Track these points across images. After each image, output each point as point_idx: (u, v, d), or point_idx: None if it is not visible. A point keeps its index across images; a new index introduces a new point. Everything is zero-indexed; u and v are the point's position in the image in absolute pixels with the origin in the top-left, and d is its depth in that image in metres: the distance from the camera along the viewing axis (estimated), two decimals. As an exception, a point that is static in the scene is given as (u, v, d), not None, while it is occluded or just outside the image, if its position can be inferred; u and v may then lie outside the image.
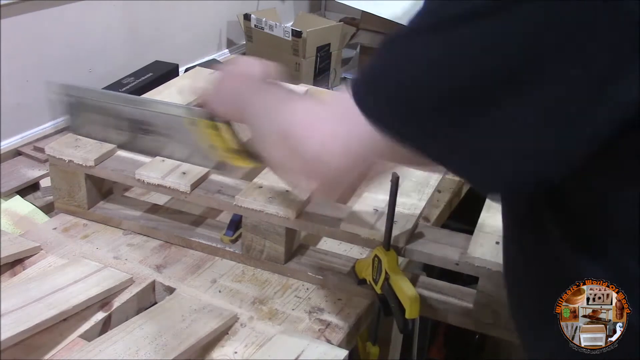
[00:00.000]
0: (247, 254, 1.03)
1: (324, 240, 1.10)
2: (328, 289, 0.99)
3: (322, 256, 1.05)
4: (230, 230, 1.06)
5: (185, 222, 1.10)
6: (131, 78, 1.64)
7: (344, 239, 0.98)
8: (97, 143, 1.11)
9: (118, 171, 1.07)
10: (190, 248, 1.07)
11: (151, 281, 0.98)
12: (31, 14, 1.46)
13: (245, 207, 0.99)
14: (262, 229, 1.00)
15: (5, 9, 1.39)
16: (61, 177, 1.11)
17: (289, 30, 2.11)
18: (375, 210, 0.98)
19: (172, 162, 1.07)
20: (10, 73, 1.43)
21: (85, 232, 1.10)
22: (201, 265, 1.03)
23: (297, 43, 2.11)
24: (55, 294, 0.88)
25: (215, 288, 0.98)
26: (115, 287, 0.93)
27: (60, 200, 1.13)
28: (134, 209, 1.13)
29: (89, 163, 1.07)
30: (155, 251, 1.06)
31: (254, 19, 2.14)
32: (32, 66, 1.50)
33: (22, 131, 1.48)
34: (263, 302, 0.96)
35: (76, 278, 0.93)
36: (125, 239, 1.09)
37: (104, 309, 0.91)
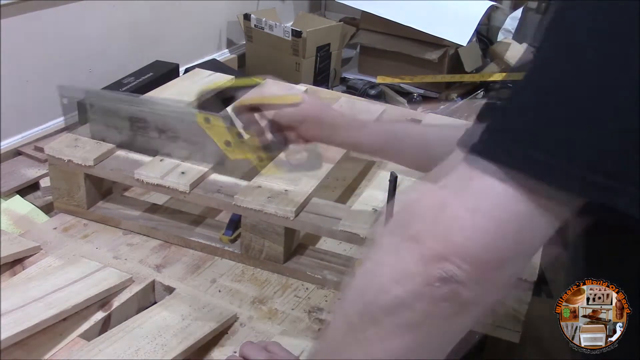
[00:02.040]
0: (246, 253, 1.03)
1: (324, 240, 1.10)
2: (328, 288, 0.99)
3: (322, 256, 1.05)
4: (229, 229, 1.06)
5: (185, 222, 1.10)
6: (131, 78, 1.65)
7: (343, 239, 0.98)
8: (97, 143, 1.11)
9: (117, 171, 1.07)
10: (189, 248, 1.07)
11: (151, 281, 0.98)
12: (31, 14, 1.46)
13: (244, 206, 0.99)
14: (261, 229, 1.00)
15: (5, 9, 1.39)
16: (60, 176, 1.11)
17: (289, 30, 2.11)
18: (374, 209, 0.98)
19: (171, 162, 1.07)
20: (10, 73, 1.43)
21: (85, 232, 1.10)
22: (201, 265, 1.03)
23: (297, 43, 2.11)
24: (55, 293, 0.88)
25: (214, 288, 0.98)
26: (115, 287, 0.93)
27: (60, 200, 1.13)
28: (133, 208, 1.13)
29: (88, 163, 1.07)
30: (155, 251, 1.06)
31: (254, 19, 2.14)
32: (32, 66, 1.50)
33: (22, 131, 1.48)
34: (263, 302, 0.96)
35: (76, 278, 0.93)
36: (124, 238, 1.09)
37: (103, 308, 0.91)
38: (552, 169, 0.43)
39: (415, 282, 0.46)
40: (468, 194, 0.46)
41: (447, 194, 0.47)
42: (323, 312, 0.95)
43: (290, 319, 0.93)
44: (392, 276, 0.47)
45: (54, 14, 1.51)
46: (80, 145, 1.09)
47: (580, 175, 0.43)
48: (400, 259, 0.47)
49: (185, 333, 0.85)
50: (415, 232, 0.47)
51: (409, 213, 0.48)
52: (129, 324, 0.86)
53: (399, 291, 0.46)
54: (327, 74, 2.26)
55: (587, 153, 0.43)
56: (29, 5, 1.44)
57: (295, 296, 0.98)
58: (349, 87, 2.17)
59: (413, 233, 0.47)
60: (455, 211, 0.45)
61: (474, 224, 0.45)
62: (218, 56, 2.11)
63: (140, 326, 0.85)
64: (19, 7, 1.42)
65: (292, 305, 0.96)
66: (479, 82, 2.24)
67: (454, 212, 0.45)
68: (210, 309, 0.90)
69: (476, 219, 0.45)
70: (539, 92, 0.46)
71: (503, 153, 0.45)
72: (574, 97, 0.44)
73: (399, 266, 0.47)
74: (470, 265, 0.45)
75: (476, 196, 0.45)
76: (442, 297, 0.46)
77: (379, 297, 0.47)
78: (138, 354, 0.80)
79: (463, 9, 2.18)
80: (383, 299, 0.47)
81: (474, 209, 0.45)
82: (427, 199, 0.48)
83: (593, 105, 0.44)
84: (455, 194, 0.46)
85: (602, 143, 0.43)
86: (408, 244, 0.47)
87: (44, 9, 1.49)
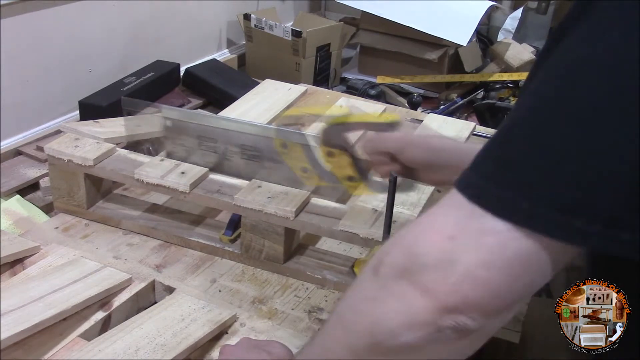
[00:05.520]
0: (246, 253, 1.03)
1: (324, 240, 1.10)
2: (327, 288, 0.99)
3: (322, 256, 1.04)
4: (229, 229, 1.06)
5: (185, 222, 1.10)
6: (132, 77, 1.65)
7: (343, 239, 0.98)
8: (97, 142, 1.11)
9: (117, 171, 1.07)
10: (189, 248, 1.07)
11: (151, 281, 0.98)
12: (31, 14, 1.46)
13: (244, 206, 0.99)
14: (261, 229, 1.00)
15: (5, 9, 1.39)
16: (60, 176, 1.11)
17: (289, 30, 2.11)
18: (374, 209, 0.98)
19: (171, 162, 1.07)
20: (10, 73, 1.43)
21: (85, 232, 1.10)
22: (200, 265, 1.03)
23: (297, 43, 2.12)
24: (55, 293, 0.88)
25: (214, 288, 0.98)
26: (115, 287, 0.93)
27: (60, 199, 1.13)
28: (133, 208, 1.13)
29: (88, 163, 1.07)
30: (155, 251, 1.06)
31: (254, 19, 2.15)
32: (32, 66, 1.50)
33: (22, 131, 1.48)
34: (262, 302, 0.96)
35: (76, 278, 0.93)
36: (124, 238, 1.09)
37: (103, 308, 0.91)
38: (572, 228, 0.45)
39: (427, 331, 0.48)
40: (480, 250, 0.47)
41: (458, 248, 0.47)
42: (323, 312, 0.95)
43: (290, 319, 0.93)
44: (402, 323, 0.49)
45: (54, 14, 1.51)
46: (80, 145, 1.09)
47: (602, 231, 0.44)
48: (411, 308, 0.49)
49: (185, 333, 0.85)
50: (426, 282, 0.48)
51: (417, 259, 0.49)
52: (129, 324, 0.86)
53: (410, 337, 0.49)
54: (327, 74, 2.26)
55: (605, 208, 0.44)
56: (29, 5, 1.44)
57: (295, 296, 0.98)
58: (349, 87, 2.17)
59: (424, 283, 0.48)
60: (468, 266, 0.47)
61: (487, 280, 0.46)
62: (218, 56, 2.11)
63: (140, 326, 0.85)
64: (19, 7, 1.42)
65: (292, 305, 0.96)
66: (479, 82, 2.24)
67: (467, 267, 0.47)
68: (210, 309, 0.90)
69: (489, 275, 0.46)
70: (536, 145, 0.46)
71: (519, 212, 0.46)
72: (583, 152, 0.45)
73: (410, 314, 0.49)
74: (482, 316, 0.47)
75: (489, 253, 0.46)
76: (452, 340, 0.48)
77: (389, 340, 0.50)
78: (138, 354, 0.80)
79: (463, 9, 2.18)
80: (393, 343, 0.50)
81: (488, 266, 0.46)
82: (435, 248, 0.48)
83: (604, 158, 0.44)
84: (466, 249, 0.47)
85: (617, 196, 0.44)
86: (419, 294, 0.48)
87: (44, 9, 1.49)
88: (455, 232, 0.48)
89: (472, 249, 0.47)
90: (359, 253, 1.06)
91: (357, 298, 0.54)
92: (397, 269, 0.50)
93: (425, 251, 0.48)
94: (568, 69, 0.47)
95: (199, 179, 1.04)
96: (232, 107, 1.38)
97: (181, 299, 0.92)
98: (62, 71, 1.57)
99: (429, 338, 0.48)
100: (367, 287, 0.53)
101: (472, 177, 0.49)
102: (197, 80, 1.78)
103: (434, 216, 0.50)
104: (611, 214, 0.44)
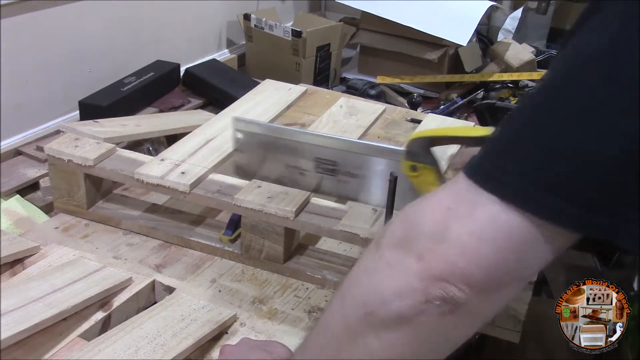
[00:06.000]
0: (246, 253, 1.03)
1: (324, 240, 1.10)
2: (328, 288, 0.99)
3: (322, 256, 1.05)
4: (229, 229, 1.06)
5: (185, 222, 1.10)
6: (133, 77, 1.65)
7: (343, 239, 0.98)
8: (96, 142, 1.11)
9: (117, 171, 1.07)
10: (189, 248, 1.07)
11: (151, 281, 0.98)
12: (31, 14, 1.46)
13: (244, 206, 0.99)
14: (261, 229, 1.00)
15: (5, 9, 1.39)
16: (60, 176, 1.11)
17: (289, 30, 2.11)
18: (374, 209, 0.98)
19: (171, 162, 1.07)
20: (10, 73, 1.43)
21: (85, 232, 1.10)
22: (200, 265, 1.03)
23: (297, 43, 2.11)
24: (55, 293, 0.88)
25: (214, 288, 0.98)
26: (115, 287, 0.93)
27: (60, 200, 1.13)
28: (133, 208, 1.13)
29: (88, 163, 1.07)
30: (155, 251, 1.06)
31: (254, 19, 2.14)
32: (32, 66, 1.50)
33: (22, 131, 1.48)
34: (263, 302, 0.96)
35: (76, 278, 0.93)
36: (124, 238, 1.09)
37: (103, 308, 0.91)
38: (553, 207, 0.46)
39: (416, 298, 0.49)
40: (472, 220, 0.48)
41: (453, 216, 0.49)
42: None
43: (290, 319, 0.93)
44: (394, 289, 0.50)
45: (54, 14, 1.51)
46: (80, 145, 1.09)
47: (579, 214, 0.45)
48: (403, 274, 0.50)
49: (185, 333, 0.85)
50: (419, 249, 0.49)
51: (415, 228, 0.51)
52: (128, 324, 0.86)
53: (400, 305, 0.49)
54: (327, 74, 2.26)
55: (586, 192, 0.45)
56: (29, 5, 1.44)
57: (295, 296, 0.98)
58: (349, 87, 2.17)
59: (417, 250, 0.49)
60: (459, 235, 0.48)
61: (476, 250, 0.48)
62: (218, 56, 2.11)
63: (140, 326, 0.85)
64: (19, 7, 1.42)
65: (292, 305, 0.96)
66: (479, 82, 2.24)
67: (458, 236, 0.48)
68: (210, 309, 0.90)
69: (479, 245, 0.48)
70: (541, 128, 0.48)
71: (508, 188, 0.47)
72: (574, 136, 0.46)
73: (401, 280, 0.50)
74: (470, 288, 0.48)
75: (480, 223, 0.48)
76: (441, 314, 0.49)
77: (380, 308, 0.51)
78: (138, 354, 0.80)
79: (463, 9, 2.18)
80: (384, 311, 0.50)
81: (478, 236, 0.48)
82: (432, 218, 0.50)
83: (592, 144, 0.45)
84: (460, 219, 0.48)
85: (600, 181, 0.45)
86: (412, 260, 0.49)
87: (44, 9, 1.49)
88: (452, 204, 0.49)
89: (464, 219, 0.48)
90: (359, 253, 1.06)
91: (357, 270, 0.55)
92: (396, 239, 0.52)
93: (423, 221, 0.50)
94: (566, 58, 0.49)
95: (198, 179, 1.04)
96: (232, 107, 1.38)
97: (181, 299, 0.92)
98: (62, 71, 1.57)
99: (418, 308, 0.49)
100: (367, 258, 0.55)
101: (474, 157, 0.51)
102: (197, 80, 1.77)
103: (436, 192, 0.52)
104: (591, 197, 0.45)
